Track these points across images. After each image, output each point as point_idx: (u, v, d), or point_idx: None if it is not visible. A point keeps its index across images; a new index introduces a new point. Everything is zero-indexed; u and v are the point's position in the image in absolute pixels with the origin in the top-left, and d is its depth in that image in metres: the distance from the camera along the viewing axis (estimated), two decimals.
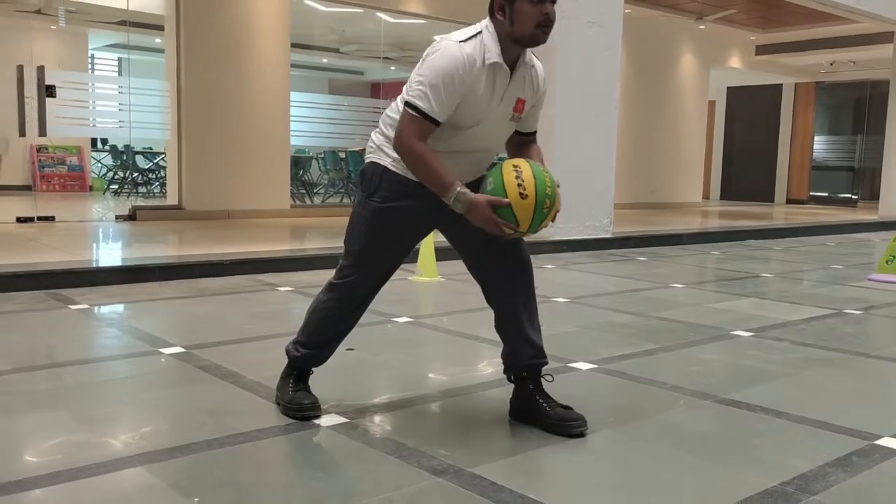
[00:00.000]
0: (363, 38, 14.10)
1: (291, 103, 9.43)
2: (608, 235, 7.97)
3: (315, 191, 11.97)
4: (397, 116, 2.35)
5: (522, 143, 2.54)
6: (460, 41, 2.27)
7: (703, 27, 13.53)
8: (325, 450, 2.35)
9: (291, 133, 9.54)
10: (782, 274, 6.68)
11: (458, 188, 2.25)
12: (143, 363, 3.24)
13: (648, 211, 12.36)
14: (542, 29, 2.29)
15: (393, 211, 2.42)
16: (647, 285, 5.69)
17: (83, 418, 2.55)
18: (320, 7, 10.46)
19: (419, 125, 2.25)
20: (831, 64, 16.07)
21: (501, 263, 2.49)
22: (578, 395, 2.78)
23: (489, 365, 3.28)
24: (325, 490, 2.03)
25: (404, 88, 2.34)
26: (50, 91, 7.49)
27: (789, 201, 17.46)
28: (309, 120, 10.72)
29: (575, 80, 7.53)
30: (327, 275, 2.67)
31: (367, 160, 2.48)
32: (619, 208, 8.48)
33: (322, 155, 11.85)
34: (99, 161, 14.18)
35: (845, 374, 3.35)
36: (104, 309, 4.32)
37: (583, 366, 3.29)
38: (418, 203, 2.39)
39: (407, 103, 2.27)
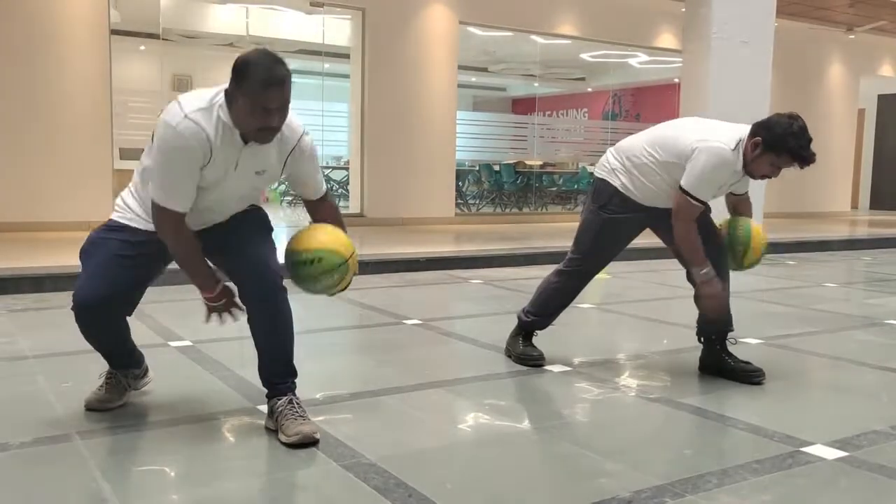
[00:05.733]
0: (512, 57, 15.06)
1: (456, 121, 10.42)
2: None
3: (468, 201, 12.93)
4: (643, 160, 3.08)
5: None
6: (732, 149, 2.93)
7: (852, 37, 13.57)
8: (556, 385, 3.16)
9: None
10: None
11: (707, 268, 2.98)
12: (396, 329, 4.17)
13: (796, 220, 12.55)
14: None
15: (619, 221, 3.21)
16: (800, 284, 6.19)
17: (410, 361, 3.49)
18: (479, 32, 11.44)
19: (696, 210, 2.97)
20: None
21: None
22: (751, 360, 3.45)
23: (663, 336, 4.00)
24: (561, 401, 2.85)
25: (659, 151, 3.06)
26: None
27: None
28: (466, 136, 11.70)
29: (728, 97, 8.07)
30: (508, 271, 3.54)
31: (598, 176, 3.27)
32: (767, 217, 8.88)
33: (477, 168, 12.81)
34: None
35: None
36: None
37: (751, 341, 3.95)
38: (640, 215, 3.19)
39: (687, 192, 2.93)
